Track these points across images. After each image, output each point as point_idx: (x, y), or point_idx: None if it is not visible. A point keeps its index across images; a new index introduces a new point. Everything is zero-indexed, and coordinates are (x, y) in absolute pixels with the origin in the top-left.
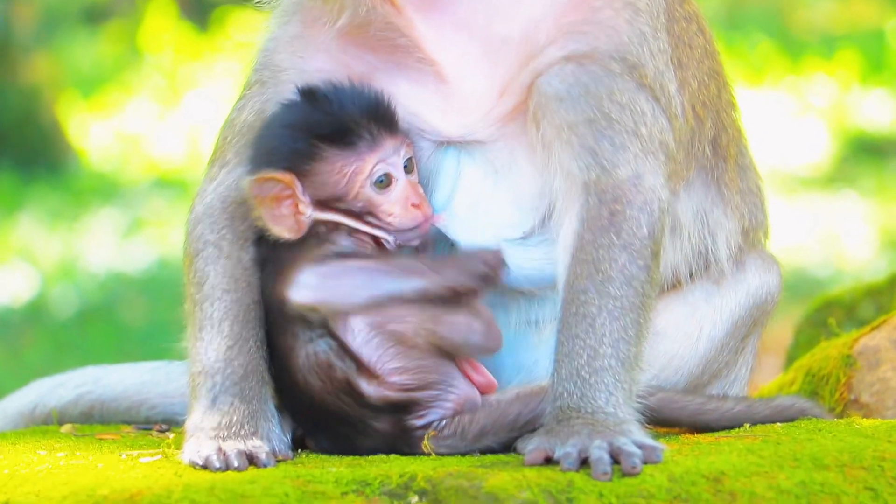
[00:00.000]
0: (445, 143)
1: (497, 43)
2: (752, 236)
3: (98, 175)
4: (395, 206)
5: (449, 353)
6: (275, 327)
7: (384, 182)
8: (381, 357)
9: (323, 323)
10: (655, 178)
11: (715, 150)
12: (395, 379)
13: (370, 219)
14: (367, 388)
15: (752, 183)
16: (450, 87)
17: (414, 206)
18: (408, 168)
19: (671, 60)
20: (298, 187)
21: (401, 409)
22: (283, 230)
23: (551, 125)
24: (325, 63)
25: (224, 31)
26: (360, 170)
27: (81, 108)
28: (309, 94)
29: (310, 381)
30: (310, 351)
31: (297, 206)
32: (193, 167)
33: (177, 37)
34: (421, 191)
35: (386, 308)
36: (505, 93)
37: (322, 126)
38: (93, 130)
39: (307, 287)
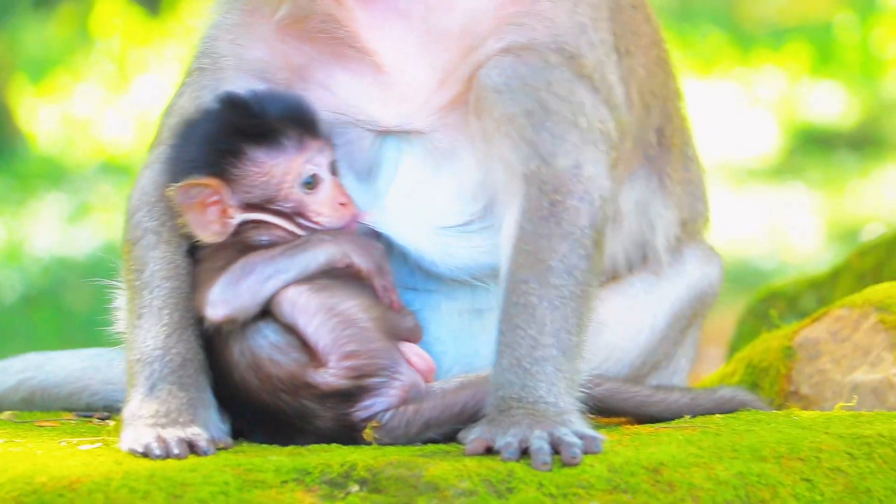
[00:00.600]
0: (385, 133)
1: (436, 34)
2: (691, 227)
3: (45, 159)
4: (324, 207)
5: (393, 336)
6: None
7: (311, 183)
8: (336, 340)
9: (262, 318)
10: (596, 167)
11: (660, 140)
12: (346, 363)
13: (300, 220)
14: (315, 376)
15: (695, 174)
16: (388, 77)
17: (341, 205)
18: (332, 169)
19: (615, 49)
20: (225, 192)
21: (346, 399)
22: (208, 235)
23: (491, 117)
24: (263, 53)
25: (175, 17)
26: (288, 170)
27: (30, 92)
28: (230, 100)
29: (247, 380)
30: (244, 347)
31: (224, 211)
32: (141, 152)
33: (127, 21)
34: (346, 191)
35: (331, 290)
36: (445, 83)
37: (248, 129)
38: (41, 114)
39: (215, 304)
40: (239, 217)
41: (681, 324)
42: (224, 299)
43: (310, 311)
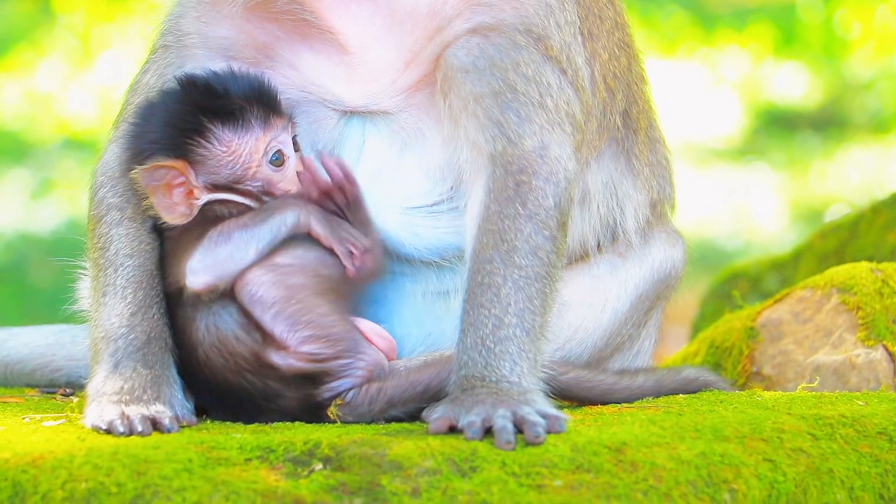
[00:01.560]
0: (350, 113)
1: (403, 14)
2: (659, 209)
3: (8, 135)
4: (291, 183)
5: (350, 311)
6: (173, 299)
7: (278, 160)
8: (292, 326)
9: (229, 296)
10: (562, 149)
11: (626, 122)
12: (305, 349)
13: (266, 198)
14: (277, 358)
15: (661, 156)
16: (354, 57)
17: (307, 179)
18: (295, 146)
19: (580, 31)
20: (191, 173)
21: (310, 380)
22: (175, 217)
23: (458, 97)
24: (228, 31)
25: None
26: (255, 149)
27: None
28: (192, 80)
29: (211, 358)
30: (210, 324)
31: (190, 192)
32: (105, 128)
33: None
34: (311, 165)
35: (277, 264)
36: (411, 64)
37: (213, 108)
38: (4, 90)
39: (195, 272)
40: (204, 198)
41: (644, 305)
42: (205, 267)
43: (266, 301)
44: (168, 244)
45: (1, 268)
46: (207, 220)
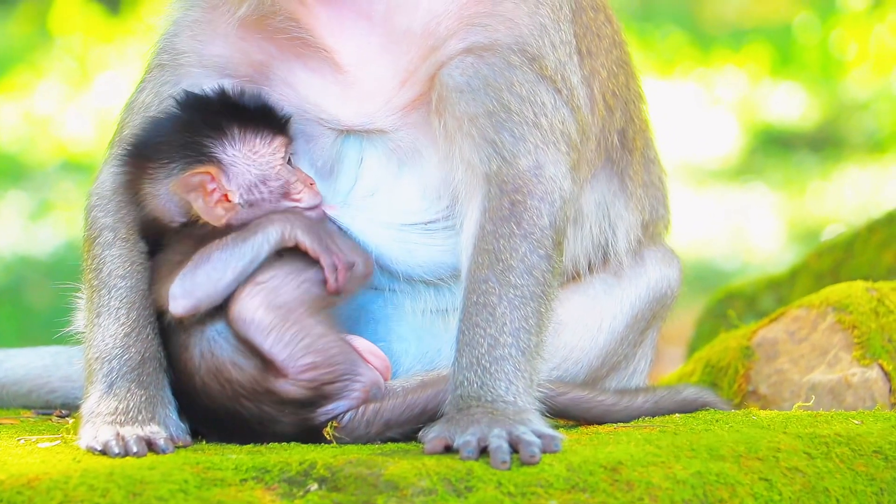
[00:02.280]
0: (346, 132)
1: (398, 34)
2: (652, 230)
3: (6, 157)
4: (301, 185)
5: (342, 325)
6: (167, 324)
7: (290, 162)
8: (292, 353)
9: (224, 321)
10: (557, 168)
11: (622, 142)
12: (305, 376)
13: (284, 202)
14: (275, 383)
15: (656, 176)
16: (349, 76)
17: (311, 184)
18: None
19: (577, 50)
20: (223, 177)
21: (307, 405)
22: (218, 219)
23: (453, 116)
24: (223, 49)
25: (136, 14)
26: (276, 148)
27: None
28: (201, 95)
29: (208, 384)
30: (205, 350)
31: (225, 197)
32: (103, 150)
33: (88, 19)
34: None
35: (262, 283)
36: (406, 83)
37: (231, 112)
38: (2, 112)
39: (176, 298)
40: (240, 199)
41: (640, 325)
42: (184, 292)
43: (263, 327)
44: (155, 265)
45: None
46: (195, 239)
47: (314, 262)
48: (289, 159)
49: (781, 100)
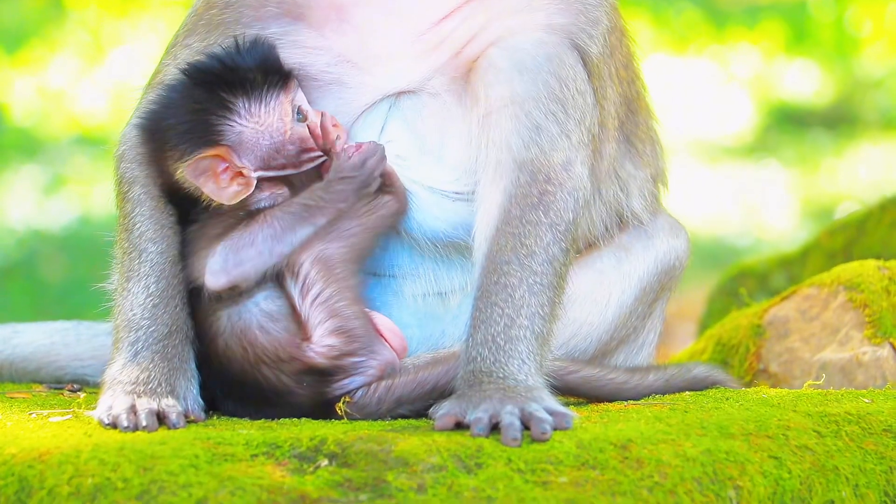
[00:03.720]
0: (373, 98)
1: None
2: (660, 182)
3: (20, 131)
4: (321, 133)
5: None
6: (195, 288)
7: (301, 117)
8: (323, 314)
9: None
10: (584, 167)
11: (630, 108)
12: (327, 341)
13: (305, 156)
14: (299, 349)
15: (653, 130)
16: (382, 40)
17: (335, 126)
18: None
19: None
20: (233, 156)
21: (323, 377)
22: (231, 198)
23: (501, 93)
24: None
25: None
26: (283, 111)
27: (4, 64)
28: (199, 67)
29: (231, 348)
30: (233, 313)
31: (238, 173)
32: (117, 124)
33: None
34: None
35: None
36: (453, 47)
37: (231, 84)
38: (16, 86)
39: (216, 273)
40: (255, 174)
41: (649, 297)
42: (225, 268)
43: (308, 281)
44: (190, 236)
45: (13, 263)
46: (234, 212)
47: (358, 215)
48: (299, 108)
49: (795, 77)
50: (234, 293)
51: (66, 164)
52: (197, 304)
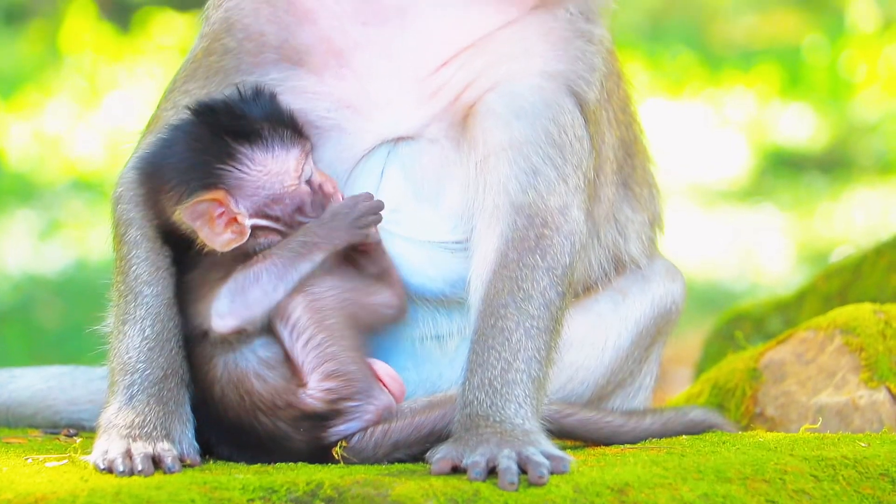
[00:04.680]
0: (372, 143)
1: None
2: (657, 227)
3: (16, 176)
4: (321, 196)
5: (368, 335)
6: (191, 333)
7: (313, 180)
8: (318, 358)
9: (251, 333)
10: (580, 212)
11: (627, 152)
12: (324, 385)
13: (299, 217)
14: (295, 395)
15: (650, 174)
16: (382, 86)
17: (335, 188)
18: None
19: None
20: (231, 201)
21: (320, 422)
22: (223, 245)
23: (497, 138)
24: (310, 34)
25: (146, 34)
26: (289, 167)
27: (0, 108)
28: (209, 108)
29: (227, 395)
30: (229, 361)
31: (233, 219)
32: (112, 169)
33: (97, 38)
34: (331, 177)
35: (310, 291)
36: (446, 96)
37: (237, 131)
38: (11, 131)
39: (223, 316)
40: (249, 222)
41: (645, 341)
42: (232, 311)
43: (299, 327)
44: (191, 283)
45: (8, 308)
46: (233, 255)
47: (357, 277)
48: (309, 166)
49: (791, 121)
50: (239, 337)
51: (62, 209)
52: (193, 349)
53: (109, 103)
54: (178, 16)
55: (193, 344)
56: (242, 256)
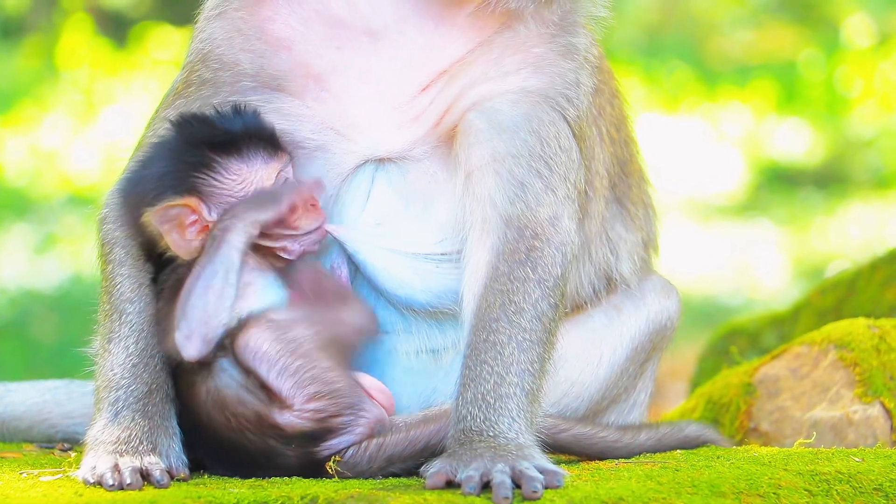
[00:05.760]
0: (357, 164)
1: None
2: (650, 248)
3: (12, 190)
4: (299, 208)
5: (347, 358)
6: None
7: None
8: (298, 383)
9: (229, 357)
10: (571, 222)
11: (623, 170)
12: (310, 406)
13: (278, 229)
14: (280, 418)
15: (646, 194)
16: (362, 109)
17: (313, 205)
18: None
19: (593, 93)
20: (203, 209)
21: (311, 439)
22: (191, 253)
23: (482, 152)
24: (286, 61)
25: (142, 49)
26: (266, 177)
27: None
28: (187, 120)
29: (213, 418)
30: (211, 387)
31: (205, 227)
32: (108, 184)
33: (94, 53)
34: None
35: (275, 320)
36: (433, 113)
37: (214, 141)
38: (8, 145)
39: (183, 345)
40: None
41: (640, 357)
42: (186, 337)
43: (269, 359)
44: (160, 312)
45: (4, 323)
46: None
47: (330, 308)
48: (286, 178)
49: (786, 136)
50: (216, 361)
51: (58, 224)
52: (176, 374)
53: (106, 118)
54: (174, 30)
55: (176, 369)
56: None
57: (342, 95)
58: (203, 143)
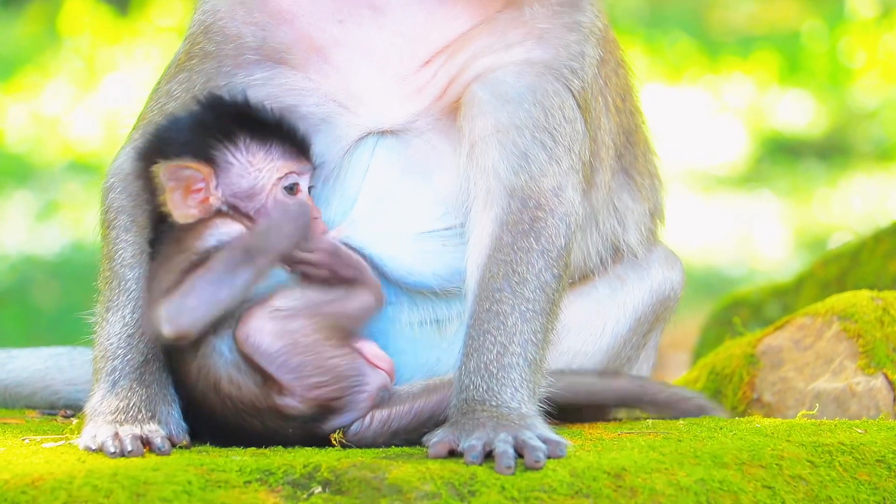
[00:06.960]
0: (360, 136)
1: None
2: (657, 218)
3: (13, 157)
4: None
5: (352, 338)
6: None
7: (292, 190)
8: (300, 375)
9: (218, 339)
10: (575, 192)
11: (629, 140)
12: (312, 394)
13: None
14: (280, 401)
15: (653, 165)
16: (365, 83)
17: (318, 215)
18: (309, 192)
19: (600, 63)
20: (213, 180)
21: (313, 419)
22: (183, 216)
23: (486, 123)
24: (289, 33)
25: (144, 16)
26: (277, 169)
27: None
28: (224, 96)
29: (208, 397)
30: (202, 365)
31: (206, 199)
32: (110, 151)
33: (96, 20)
34: (317, 207)
35: (277, 309)
36: (437, 86)
37: (246, 120)
38: (10, 112)
39: (163, 322)
40: (218, 204)
41: (643, 328)
42: (170, 318)
43: (271, 352)
44: (150, 282)
45: (5, 289)
46: (185, 259)
47: (333, 292)
48: (309, 192)
49: (789, 107)
50: (206, 339)
51: (60, 190)
52: (171, 352)
53: (108, 85)
54: None
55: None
56: (196, 257)
57: (345, 68)
58: (234, 119)
